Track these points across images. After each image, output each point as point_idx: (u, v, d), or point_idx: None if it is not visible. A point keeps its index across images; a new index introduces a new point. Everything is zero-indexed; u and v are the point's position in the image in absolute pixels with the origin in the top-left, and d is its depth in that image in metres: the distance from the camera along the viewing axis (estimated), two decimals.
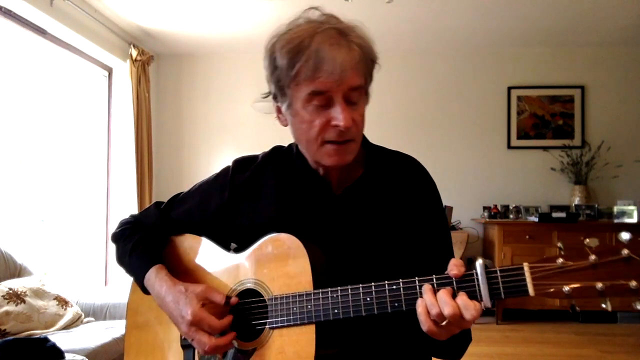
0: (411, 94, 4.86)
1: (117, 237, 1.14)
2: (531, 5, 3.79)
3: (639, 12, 3.89)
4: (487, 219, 4.48)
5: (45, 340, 2.07)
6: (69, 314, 2.70)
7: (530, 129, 4.79)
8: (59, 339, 2.25)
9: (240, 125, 4.95)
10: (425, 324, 0.79)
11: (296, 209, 1.01)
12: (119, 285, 4.14)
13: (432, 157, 4.56)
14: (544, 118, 4.79)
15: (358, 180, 1.01)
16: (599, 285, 0.70)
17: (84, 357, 2.17)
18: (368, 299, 0.84)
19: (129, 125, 4.24)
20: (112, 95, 4.38)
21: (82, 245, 4.01)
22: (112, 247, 4.37)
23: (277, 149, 1.11)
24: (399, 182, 1.01)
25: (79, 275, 3.88)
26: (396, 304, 0.82)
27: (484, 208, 4.58)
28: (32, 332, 2.45)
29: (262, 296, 0.95)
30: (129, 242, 1.09)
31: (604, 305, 0.71)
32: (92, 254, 4.13)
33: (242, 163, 1.10)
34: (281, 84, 0.93)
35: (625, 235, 0.69)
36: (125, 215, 1.20)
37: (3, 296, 2.46)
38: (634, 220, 4.19)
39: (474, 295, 0.77)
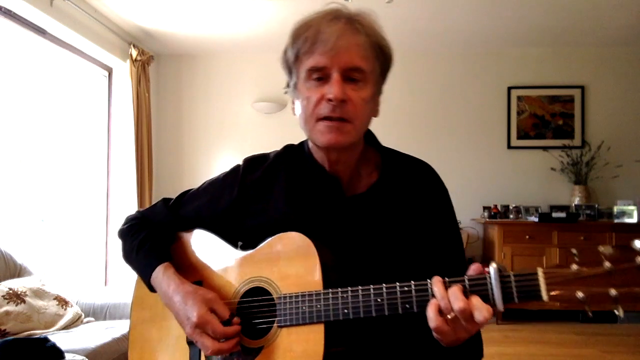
0: (411, 94, 4.85)
1: (124, 234, 1.12)
2: (531, 5, 3.79)
3: (639, 12, 3.89)
4: (487, 219, 4.48)
5: (45, 340, 2.07)
6: (69, 314, 2.70)
7: (530, 129, 4.79)
8: (59, 339, 2.24)
9: (240, 125, 4.93)
10: (433, 321, 0.77)
11: (306, 210, 0.99)
12: (119, 285, 4.14)
13: (432, 156, 4.43)
14: (544, 118, 4.79)
15: (374, 185, 1.00)
16: (613, 292, 0.71)
17: (84, 357, 2.16)
18: (379, 299, 0.83)
19: (129, 125, 4.23)
20: (112, 95, 4.37)
21: (82, 245, 4.00)
22: (114, 246, 4.35)
23: (289, 148, 1.09)
24: (413, 189, 1.00)
25: (79, 275, 3.88)
26: (407, 305, 0.82)
27: (484, 208, 4.59)
28: (32, 332, 2.44)
29: (271, 294, 0.94)
30: (136, 238, 1.08)
31: (616, 312, 0.73)
32: (92, 254, 4.13)
33: (253, 162, 1.08)
34: (288, 65, 0.96)
35: (639, 244, 0.70)
36: (125, 214, 1.19)
37: (3, 296, 2.45)
38: (634, 220, 4.20)
39: (486, 299, 0.76)
